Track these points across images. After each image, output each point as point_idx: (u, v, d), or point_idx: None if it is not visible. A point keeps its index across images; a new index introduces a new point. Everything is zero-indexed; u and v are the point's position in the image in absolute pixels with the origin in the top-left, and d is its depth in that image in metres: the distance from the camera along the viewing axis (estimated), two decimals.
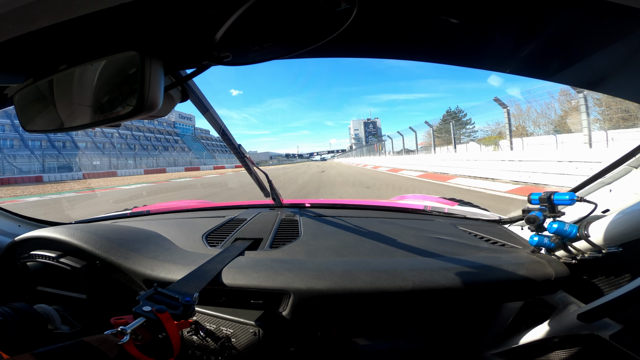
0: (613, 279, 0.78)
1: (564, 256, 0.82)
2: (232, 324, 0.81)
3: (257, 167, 1.33)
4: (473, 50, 0.59)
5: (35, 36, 0.38)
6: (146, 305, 0.55)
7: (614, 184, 0.82)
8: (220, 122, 1.04)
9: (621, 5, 0.34)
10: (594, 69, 0.54)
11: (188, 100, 0.73)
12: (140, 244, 0.97)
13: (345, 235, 1.11)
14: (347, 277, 0.78)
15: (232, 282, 0.79)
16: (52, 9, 0.33)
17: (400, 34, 0.54)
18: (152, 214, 1.59)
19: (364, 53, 0.61)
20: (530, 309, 0.98)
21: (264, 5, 0.39)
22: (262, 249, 0.99)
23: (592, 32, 0.45)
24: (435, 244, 1.01)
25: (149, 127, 62.69)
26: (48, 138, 37.01)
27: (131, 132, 56.49)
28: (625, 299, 0.61)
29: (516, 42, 0.52)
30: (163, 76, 0.49)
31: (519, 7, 0.43)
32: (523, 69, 0.61)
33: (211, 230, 1.17)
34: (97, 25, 0.41)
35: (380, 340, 1.09)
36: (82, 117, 0.51)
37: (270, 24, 0.45)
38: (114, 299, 0.94)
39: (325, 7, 0.40)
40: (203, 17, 0.42)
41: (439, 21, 0.49)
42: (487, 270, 0.81)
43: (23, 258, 0.93)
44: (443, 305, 0.94)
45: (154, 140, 62.94)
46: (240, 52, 0.51)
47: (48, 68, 0.51)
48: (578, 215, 0.78)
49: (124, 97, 0.47)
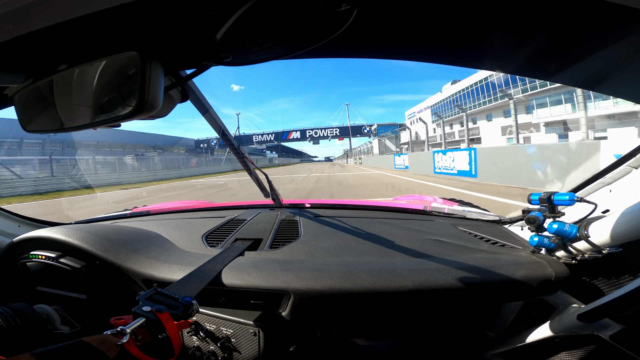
0: (613, 279, 0.78)
1: (564, 256, 0.82)
2: (232, 324, 0.81)
3: (257, 168, 1.33)
4: (473, 50, 0.59)
5: (36, 36, 0.38)
6: (146, 306, 0.55)
7: (614, 184, 0.82)
8: (220, 122, 1.04)
9: (621, 6, 0.34)
10: (594, 69, 0.54)
11: (188, 100, 0.73)
12: (140, 244, 0.97)
13: (345, 236, 1.11)
14: (347, 278, 0.78)
15: (232, 283, 0.79)
16: (52, 9, 0.33)
17: (400, 35, 0.54)
18: (152, 214, 1.59)
19: (364, 53, 0.61)
20: (530, 310, 0.98)
21: (264, 5, 0.39)
22: (262, 250, 0.99)
23: (592, 32, 0.45)
24: (435, 244, 1.01)
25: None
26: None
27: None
28: (625, 299, 0.61)
29: (516, 42, 0.52)
30: (163, 76, 0.49)
31: (519, 8, 0.44)
32: (523, 69, 0.61)
33: (211, 231, 1.17)
34: (97, 25, 0.41)
35: (380, 341, 1.09)
36: (82, 117, 0.51)
37: (271, 24, 0.45)
38: (113, 299, 0.93)
39: (325, 7, 0.40)
40: (203, 17, 0.42)
41: (438, 22, 0.49)
42: (487, 271, 0.81)
43: (23, 258, 0.93)
44: (443, 306, 0.93)
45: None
46: (241, 53, 0.51)
47: (48, 68, 0.51)
48: (578, 215, 0.78)
49: (124, 98, 0.47)
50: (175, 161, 33.52)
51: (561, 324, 0.81)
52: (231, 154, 1.31)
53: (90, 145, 38.47)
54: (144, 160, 29.49)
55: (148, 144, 47.79)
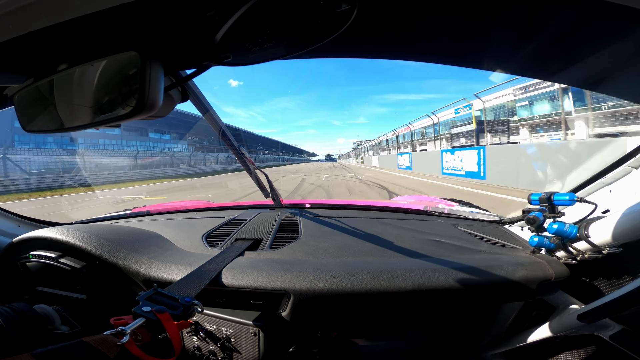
0: (613, 279, 0.78)
1: (564, 257, 0.82)
2: (232, 325, 0.81)
3: (258, 168, 1.33)
4: (473, 50, 0.59)
5: (36, 36, 0.38)
6: (146, 306, 0.55)
7: (614, 184, 0.82)
8: (220, 122, 1.04)
9: (621, 6, 0.34)
10: (594, 69, 0.55)
11: (188, 100, 0.73)
12: (140, 244, 0.97)
13: (345, 236, 1.11)
14: (347, 278, 0.78)
15: (232, 283, 0.79)
16: (52, 9, 0.33)
17: (400, 35, 0.54)
18: (152, 214, 1.59)
19: (364, 53, 0.61)
20: (530, 310, 0.98)
21: (264, 6, 0.39)
22: (262, 250, 0.99)
23: (592, 32, 0.45)
24: (435, 244, 1.01)
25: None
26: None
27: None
28: (626, 299, 0.61)
29: (516, 42, 0.52)
30: (163, 76, 0.49)
31: (519, 8, 0.44)
32: (523, 69, 0.61)
33: (211, 231, 1.17)
34: (97, 25, 0.41)
35: (380, 341, 1.09)
36: (82, 117, 0.51)
37: (271, 24, 0.45)
38: (113, 299, 0.93)
39: (325, 7, 0.40)
40: (203, 17, 0.42)
41: (438, 22, 0.49)
42: (487, 271, 0.81)
43: (23, 258, 0.93)
44: (443, 306, 0.93)
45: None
46: (241, 53, 0.51)
47: (48, 68, 0.51)
48: (578, 215, 0.78)
49: (124, 98, 0.47)
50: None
51: (561, 324, 0.81)
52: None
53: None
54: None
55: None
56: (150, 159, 28.35)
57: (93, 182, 17.25)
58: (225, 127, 1.07)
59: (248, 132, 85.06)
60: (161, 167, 27.88)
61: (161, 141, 42.20)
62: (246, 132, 77.10)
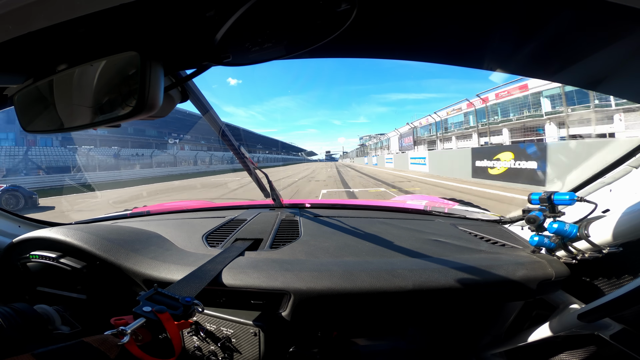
0: (613, 279, 0.78)
1: (564, 256, 0.81)
2: (232, 324, 0.81)
3: (258, 168, 1.33)
4: (473, 50, 0.59)
5: (35, 36, 0.38)
6: (146, 306, 0.55)
7: (614, 184, 0.82)
8: (220, 122, 1.04)
9: (621, 6, 0.34)
10: (594, 69, 0.54)
11: (188, 100, 0.73)
12: (140, 244, 0.97)
13: (345, 236, 1.11)
14: (347, 278, 0.78)
15: (232, 283, 0.79)
16: (52, 9, 0.33)
17: (400, 35, 0.54)
18: (152, 214, 1.59)
19: (364, 53, 0.61)
20: (530, 309, 0.98)
21: (264, 6, 0.39)
22: (262, 250, 0.99)
23: (592, 32, 0.45)
24: (435, 244, 1.01)
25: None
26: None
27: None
28: (626, 299, 0.61)
29: (516, 42, 0.52)
30: (163, 76, 0.49)
31: (519, 8, 0.44)
32: (523, 69, 0.61)
33: (211, 231, 1.17)
34: (97, 25, 0.40)
35: (381, 341, 1.09)
36: (82, 117, 0.51)
37: (270, 24, 0.45)
38: (114, 299, 0.93)
39: (325, 7, 0.40)
40: (203, 17, 0.42)
41: (438, 22, 0.49)
42: (487, 271, 0.81)
43: (23, 258, 0.93)
44: (443, 306, 0.93)
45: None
46: (241, 53, 0.51)
47: (48, 68, 0.51)
48: (578, 215, 0.78)
49: (124, 98, 0.47)
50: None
51: (561, 324, 0.81)
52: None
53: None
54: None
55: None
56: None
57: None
58: (225, 127, 1.07)
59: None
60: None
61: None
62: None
